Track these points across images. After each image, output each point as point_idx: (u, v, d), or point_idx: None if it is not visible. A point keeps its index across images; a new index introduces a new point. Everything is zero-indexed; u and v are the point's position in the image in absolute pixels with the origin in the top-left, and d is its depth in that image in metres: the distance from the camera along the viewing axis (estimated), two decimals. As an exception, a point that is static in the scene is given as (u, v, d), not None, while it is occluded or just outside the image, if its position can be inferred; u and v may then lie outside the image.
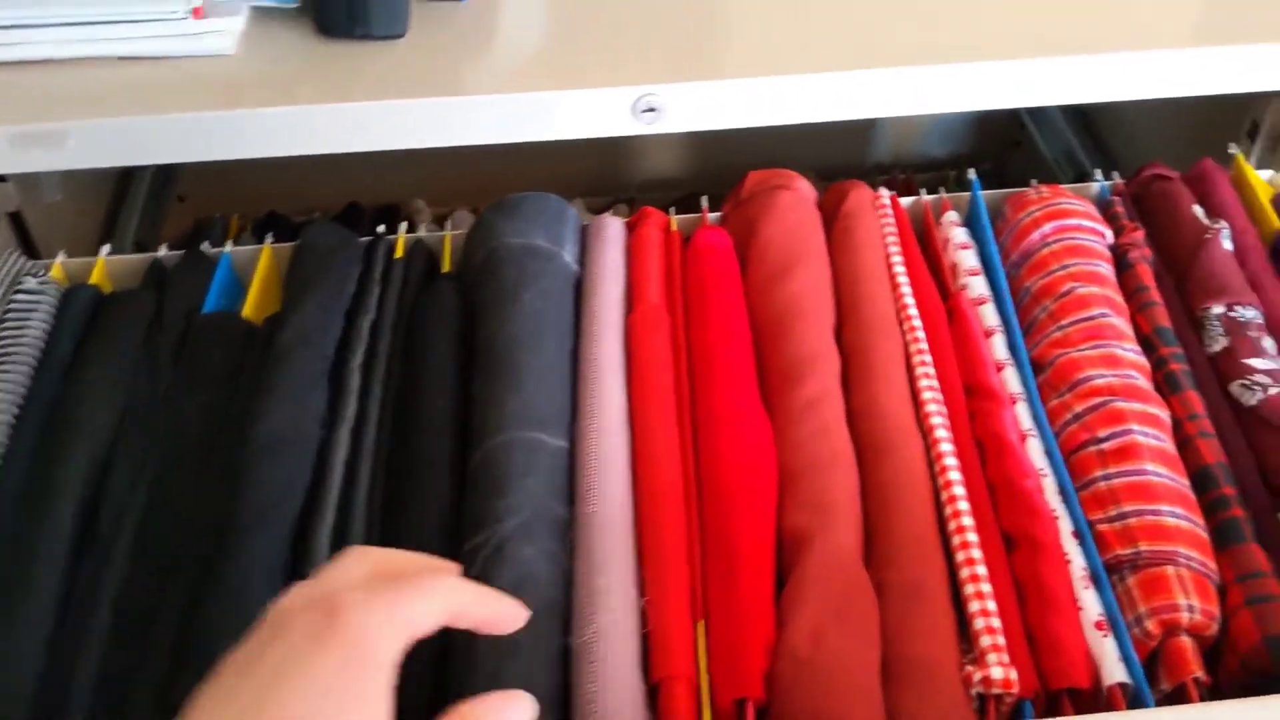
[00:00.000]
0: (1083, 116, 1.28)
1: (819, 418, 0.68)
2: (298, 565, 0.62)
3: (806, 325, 0.73)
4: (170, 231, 1.30)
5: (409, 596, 0.44)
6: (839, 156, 1.44)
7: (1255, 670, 0.60)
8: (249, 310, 0.79)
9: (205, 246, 0.85)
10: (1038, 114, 1.33)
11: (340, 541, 0.63)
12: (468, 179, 1.35)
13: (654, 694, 0.59)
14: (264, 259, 0.84)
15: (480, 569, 0.61)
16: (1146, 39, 0.85)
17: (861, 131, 1.44)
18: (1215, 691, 0.61)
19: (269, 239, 0.85)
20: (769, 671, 0.58)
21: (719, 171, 1.39)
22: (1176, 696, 0.60)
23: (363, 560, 0.46)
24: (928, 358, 0.72)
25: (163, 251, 0.84)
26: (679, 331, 0.74)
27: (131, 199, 1.24)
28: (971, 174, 0.87)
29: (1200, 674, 0.59)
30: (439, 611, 0.45)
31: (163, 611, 0.61)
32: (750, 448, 0.67)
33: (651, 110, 0.83)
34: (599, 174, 1.45)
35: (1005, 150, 1.42)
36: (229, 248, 0.85)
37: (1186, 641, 0.60)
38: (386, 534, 0.65)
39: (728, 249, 0.79)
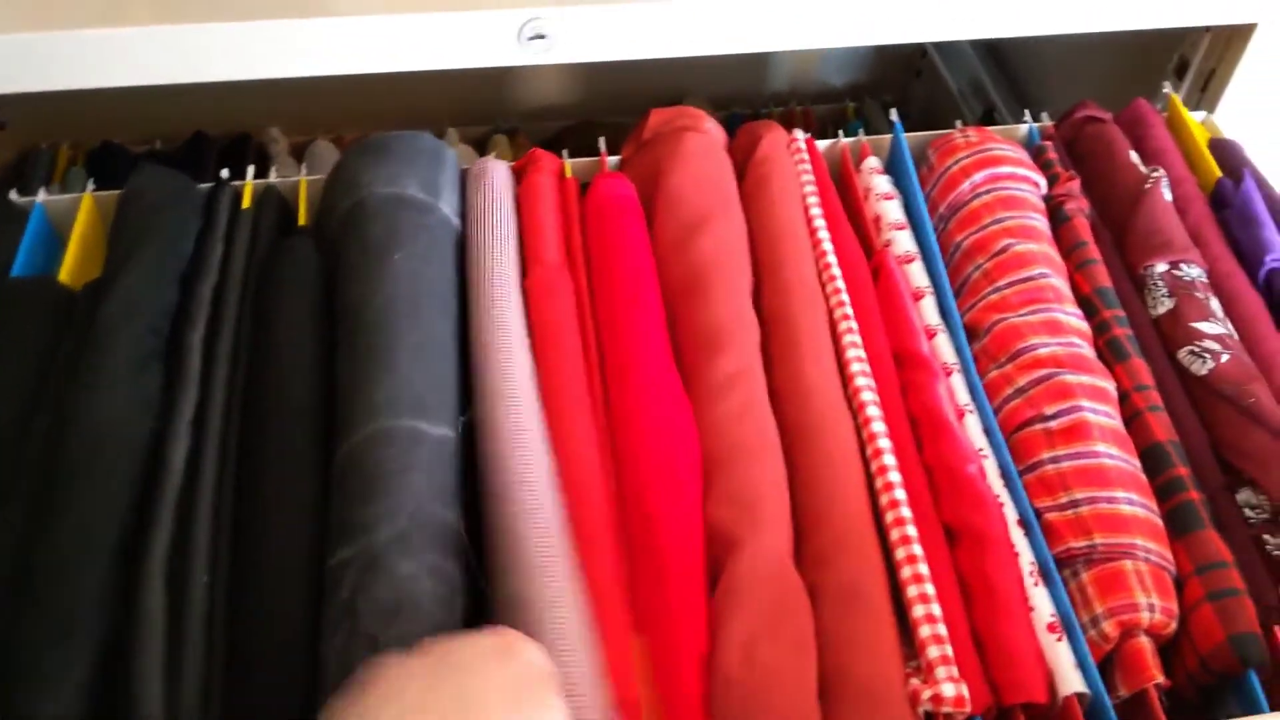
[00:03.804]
0: (990, 45, 1.21)
1: (740, 396, 0.60)
2: (130, 594, 0.51)
3: (722, 290, 0.64)
4: (-12, 164, 1.15)
5: None
6: (734, 85, 1.35)
7: (1216, 670, 0.55)
8: (66, 273, 0.67)
9: (14, 195, 0.72)
10: (942, 42, 1.26)
11: (181, 562, 0.53)
12: (328, 104, 1.21)
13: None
14: (84, 209, 0.71)
15: (350, 590, 0.52)
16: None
17: (757, 60, 1.35)
18: (1172, 694, 0.56)
19: (90, 186, 0.72)
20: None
21: (607, 98, 1.28)
22: (1134, 703, 0.55)
23: None
24: (854, 324, 0.64)
25: (-40, 201, 0.71)
26: (583, 296, 0.65)
27: (-64, 128, 1.08)
28: (893, 115, 0.79)
29: (1161, 678, 0.54)
30: None
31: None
32: (667, 430, 0.59)
33: (540, 37, 0.72)
34: (474, 99, 1.33)
35: (907, 80, 1.35)
36: (41, 196, 0.72)
37: (1145, 643, 0.55)
38: (237, 550, 0.55)
39: (632, 201, 0.70)
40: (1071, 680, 0.54)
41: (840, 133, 0.78)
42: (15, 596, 0.50)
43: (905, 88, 1.35)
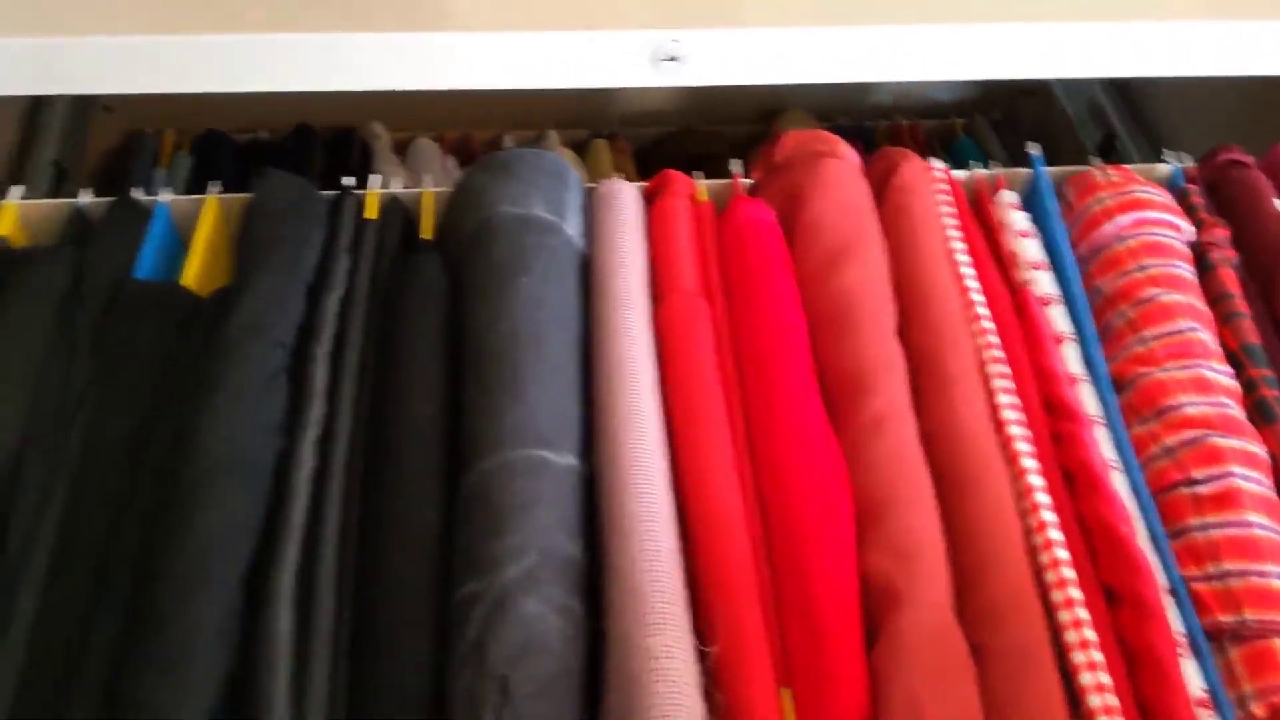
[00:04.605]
0: (1110, 68, 1.18)
1: (891, 438, 0.58)
2: (256, 618, 0.51)
3: (869, 325, 0.63)
4: (96, 147, 1.16)
5: None
6: (835, 96, 1.32)
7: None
8: (190, 277, 0.66)
9: (138, 194, 0.72)
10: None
11: (307, 586, 0.52)
12: (428, 102, 1.20)
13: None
14: (208, 211, 0.71)
15: (479, 627, 0.51)
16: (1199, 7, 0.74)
17: (862, 71, 1.32)
18: (1320, 783, 0.53)
19: (204, 189, 0.71)
20: None
21: (707, 106, 1.27)
22: (1281, 790, 0.52)
23: None
24: (1005, 369, 0.62)
25: (86, 198, 0.71)
26: (721, 326, 0.63)
27: (49, 111, 1.08)
28: (1033, 149, 0.75)
29: (1312, 768, 0.52)
30: None
31: (80, 680, 0.49)
32: (822, 475, 0.57)
33: (673, 59, 0.70)
34: (575, 103, 1.32)
35: (1016, 97, 1.31)
36: (166, 196, 0.71)
37: (1295, 728, 0.53)
38: (362, 576, 0.54)
39: (774, 227, 0.68)
40: (1223, 760, 0.51)
41: (948, 153, 0.75)
42: (134, 629, 0.50)
43: (1014, 105, 1.32)
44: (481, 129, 1.24)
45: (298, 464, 0.56)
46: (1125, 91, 1.13)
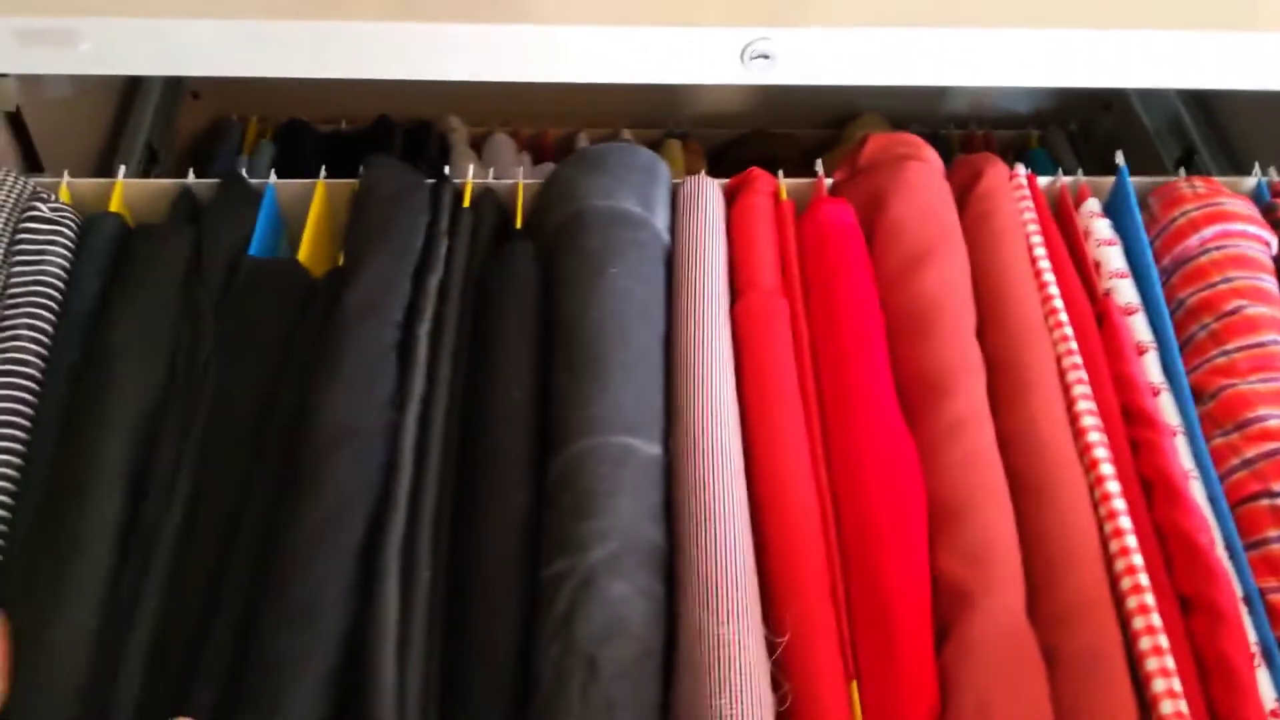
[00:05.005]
0: (1190, 82, 1.17)
1: (968, 442, 0.59)
2: (369, 589, 0.53)
3: (948, 328, 0.63)
4: (184, 129, 1.19)
5: None
6: (911, 103, 1.32)
7: None
8: (303, 256, 0.69)
9: (244, 173, 0.74)
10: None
11: (410, 553, 0.54)
12: (505, 96, 1.23)
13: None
14: (319, 196, 0.73)
15: (567, 604, 0.53)
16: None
17: (938, 78, 1.32)
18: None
19: (287, 176, 0.74)
20: None
21: (781, 108, 1.27)
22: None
23: None
24: (1084, 374, 0.63)
25: (191, 179, 0.73)
26: (800, 324, 0.65)
27: (143, 95, 1.12)
28: (1119, 158, 0.76)
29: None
30: None
31: (215, 628, 0.52)
32: (898, 475, 0.58)
33: (764, 57, 0.72)
34: (648, 102, 1.33)
35: (1094, 110, 1.31)
36: (273, 179, 0.74)
37: (1371, 742, 0.53)
38: (456, 543, 0.56)
39: (855, 228, 0.69)
40: (1292, 772, 0.52)
41: (1021, 164, 0.75)
42: (262, 587, 0.53)
43: (1090, 117, 1.31)
44: (555, 126, 1.26)
45: (404, 433, 0.58)
46: (1205, 105, 1.13)
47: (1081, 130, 1.30)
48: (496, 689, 0.52)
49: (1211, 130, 1.10)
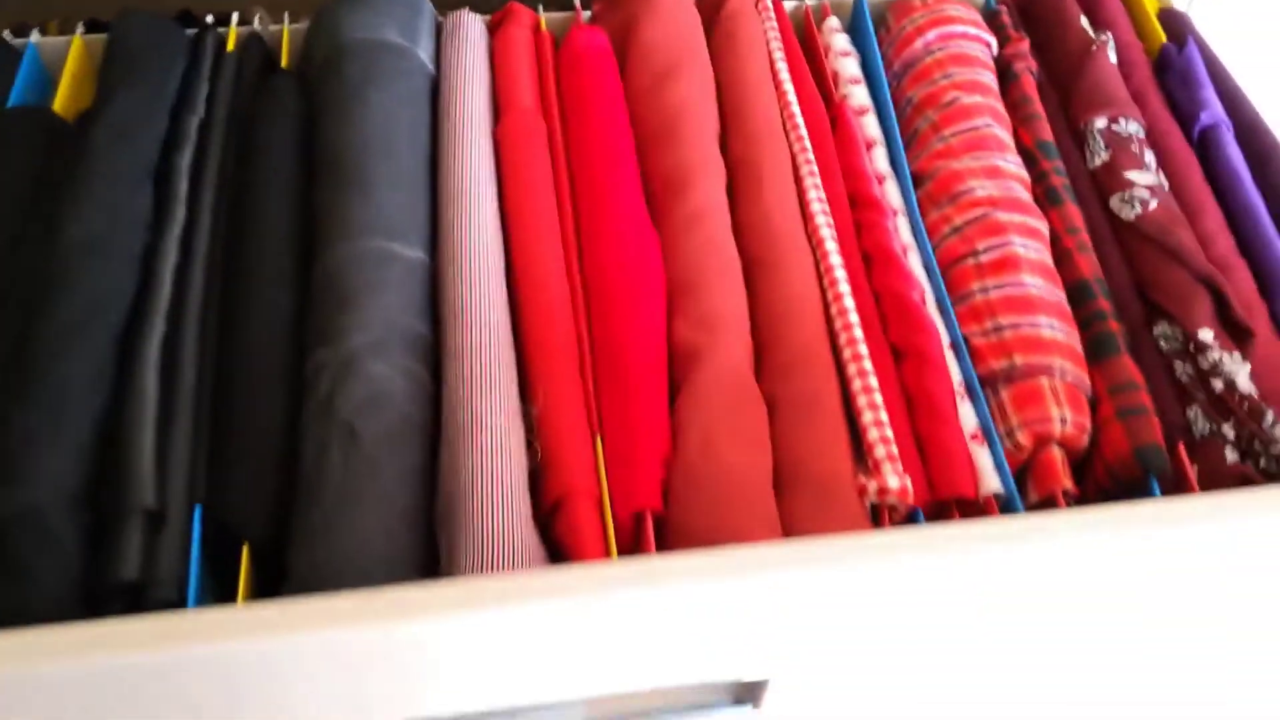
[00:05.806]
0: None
1: (705, 230, 0.65)
2: (124, 379, 0.56)
3: (691, 134, 0.68)
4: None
5: None
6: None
7: (1121, 479, 0.60)
8: (60, 106, 0.70)
9: (7, 35, 0.75)
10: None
11: (172, 353, 0.57)
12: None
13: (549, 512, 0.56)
14: (75, 50, 0.74)
15: (329, 386, 0.56)
16: None
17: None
18: (1081, 502, 0.61)
19: (80, 29, 0.75)
20: (664, 484, 0.57)
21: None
22: (1043, 507, 0.60)
23: None
24: (815, 168, 0.68)
25: (-45, 41, 0.74)
26: (556, 140, 0.69)
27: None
28: (856, -22, 0.81)
29: (1069, 485, 0.59)
30: None
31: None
32: (637, 260, 0.63)
33: None
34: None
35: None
36: (35, 38, 0.75)
37: (1056, 453, 0.60)
38: (221, 347, 0.59)
39: (607, 51, 0.73)
40: (991, 482, 0.59)
41: None
42: (7, 379, 0.54)
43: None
44: None
45: (163, 256, 0.60)
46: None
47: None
48: (262, 470, 0.55)
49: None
